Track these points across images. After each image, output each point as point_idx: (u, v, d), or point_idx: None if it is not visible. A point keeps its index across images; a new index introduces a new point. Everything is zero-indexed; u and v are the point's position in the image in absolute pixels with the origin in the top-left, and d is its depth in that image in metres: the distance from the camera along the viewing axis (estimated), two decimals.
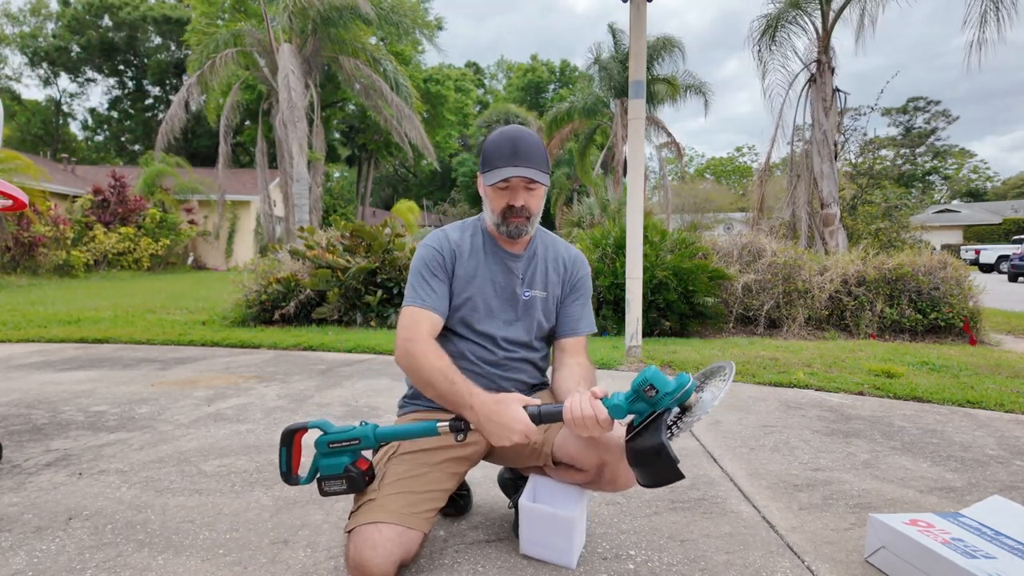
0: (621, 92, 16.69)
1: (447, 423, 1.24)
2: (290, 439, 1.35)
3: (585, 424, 1.15)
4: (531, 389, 1.54)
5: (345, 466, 1.28)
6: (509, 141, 1.35)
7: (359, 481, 1.28)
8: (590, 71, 17.98)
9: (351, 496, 1.76)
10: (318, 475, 1.30)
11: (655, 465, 1.09)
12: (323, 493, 1.29)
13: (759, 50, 9.87)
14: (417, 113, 15.85)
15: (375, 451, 1.42)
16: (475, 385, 1.26)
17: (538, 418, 1.19)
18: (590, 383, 1.39)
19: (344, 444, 1.29)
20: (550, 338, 1.56)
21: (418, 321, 1.36)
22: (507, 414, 1.18)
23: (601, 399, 1.17)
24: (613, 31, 16.88)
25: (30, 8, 32.10)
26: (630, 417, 1.18)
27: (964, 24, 7.73)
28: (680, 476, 1.08)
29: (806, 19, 9.57)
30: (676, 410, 1.14)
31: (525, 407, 1.20)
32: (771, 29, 9.71)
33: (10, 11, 31.94)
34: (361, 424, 1.31)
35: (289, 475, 1.36)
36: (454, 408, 1.26)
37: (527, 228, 1.41)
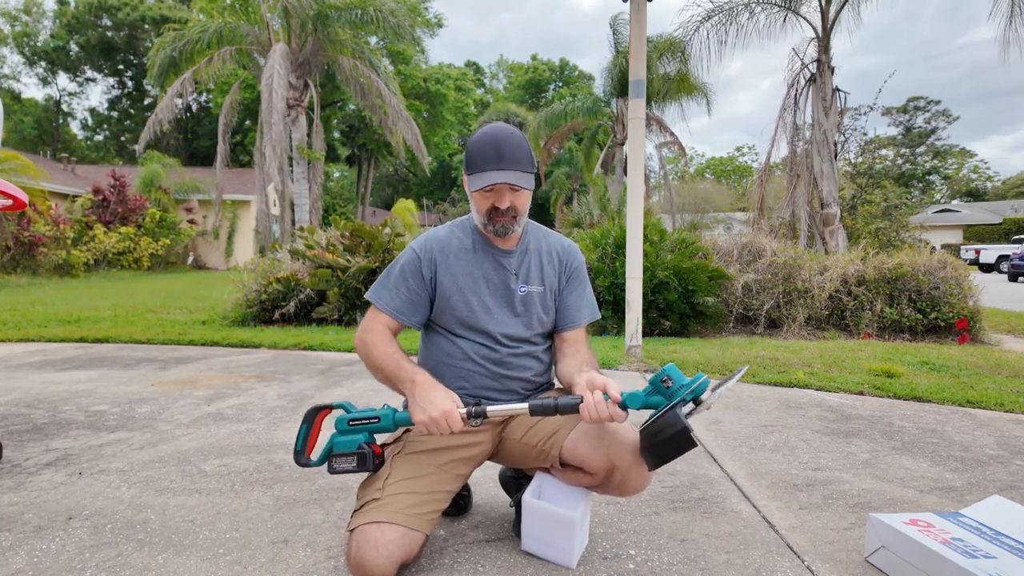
0: (623, 91, 16.64)
1: (464, 410, 1.26)
2: (312, 418, 1.38)
3: (602, 421, 1.20)
4: (537, 389, 1.54)
5: (359, 443, 1.30)
6: (493, 143, 1.33)
7: (369, 460, 1.30)
8: (604, 72, 17.82)
9: (353, 495, 1.76)
10: (331, 453, 1.32)
11: (674, 445, 1.13)
12: (332, 470, 1.30)
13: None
14: (410, 116, 15.73)
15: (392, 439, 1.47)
16: (423, 371, 1.34)
17: (554, 409, 1.24)
18: (594, 368, 1.41)
19: (363, 423, 1.32)
20: (551, 332, 1.56)
21: (375, 318, 1.44)
22: (435, 397, 1.25)
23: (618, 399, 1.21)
24: (614, 27, 16.80)
25: (22, 7, 31.99)
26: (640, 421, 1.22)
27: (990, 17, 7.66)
28: (694, 445, 1.13)
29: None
30: (691, 405, 1.18)
31: (533, 405, 1.24)
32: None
33: (7, 10, 31.80)
34: (383, 407, 1.35)
35: (301, 454, 1.36)
36: (398, 385, 1.34)
37: (514, 227, 1.41)
